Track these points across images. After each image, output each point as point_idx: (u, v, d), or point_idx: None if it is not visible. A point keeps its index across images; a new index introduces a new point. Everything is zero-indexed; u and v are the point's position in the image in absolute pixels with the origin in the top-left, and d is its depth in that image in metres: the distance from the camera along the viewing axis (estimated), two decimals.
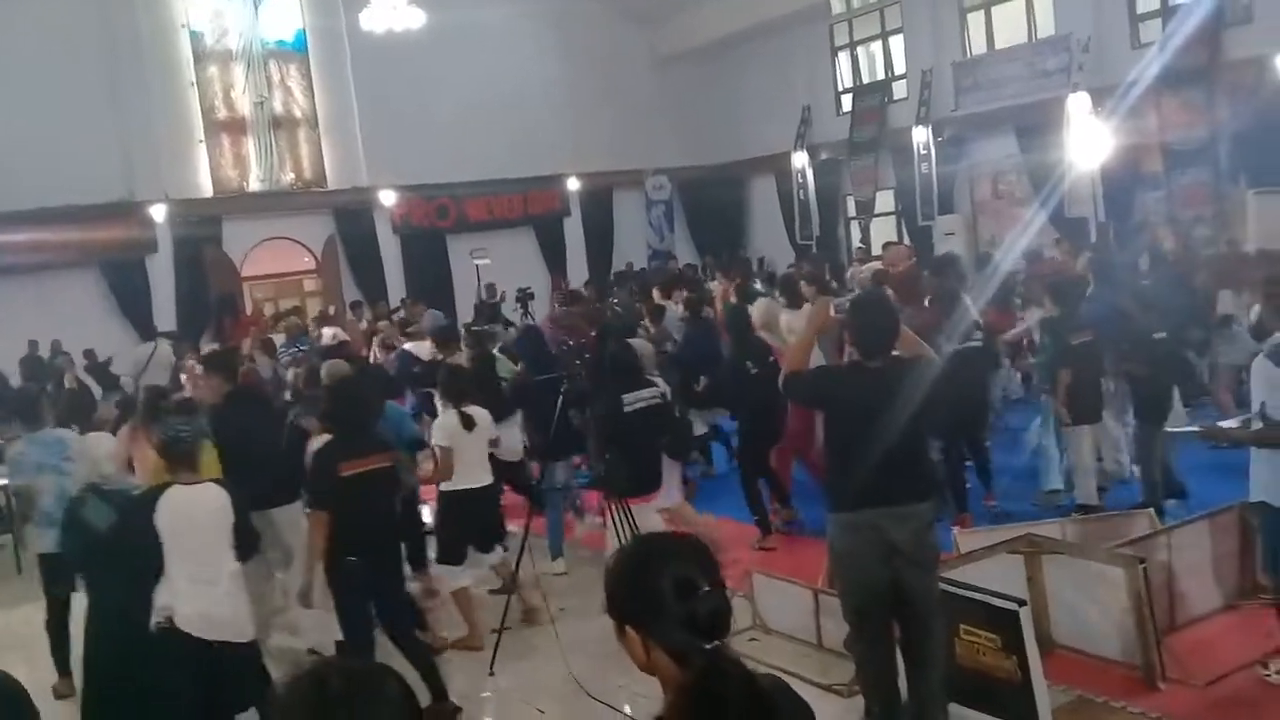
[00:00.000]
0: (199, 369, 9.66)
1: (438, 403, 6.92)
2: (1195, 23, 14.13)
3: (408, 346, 10.30)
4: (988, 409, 8.22)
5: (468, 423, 6.29)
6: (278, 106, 18.38)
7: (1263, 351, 4.73)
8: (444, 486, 6.44)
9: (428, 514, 7.18)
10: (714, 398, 8.94)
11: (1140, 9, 15.18)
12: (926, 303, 7.99)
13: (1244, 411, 5.38)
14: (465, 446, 6.29)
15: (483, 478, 6.42)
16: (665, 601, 1.90)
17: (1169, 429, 7.18)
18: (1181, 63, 14.04)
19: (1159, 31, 14.54)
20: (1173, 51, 14.12)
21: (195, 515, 4.65)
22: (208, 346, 12.47)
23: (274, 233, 18.19)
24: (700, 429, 9.71)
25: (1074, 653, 5.25)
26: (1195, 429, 5.38)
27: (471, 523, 6.45)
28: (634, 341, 7.95)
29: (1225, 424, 5.31)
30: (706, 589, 1.91)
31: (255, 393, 7.26)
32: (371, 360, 10.46)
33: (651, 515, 6.41)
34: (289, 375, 9.42)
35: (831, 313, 4.71)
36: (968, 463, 7.85)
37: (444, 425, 6.37)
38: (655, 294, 12.33)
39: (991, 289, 9.25)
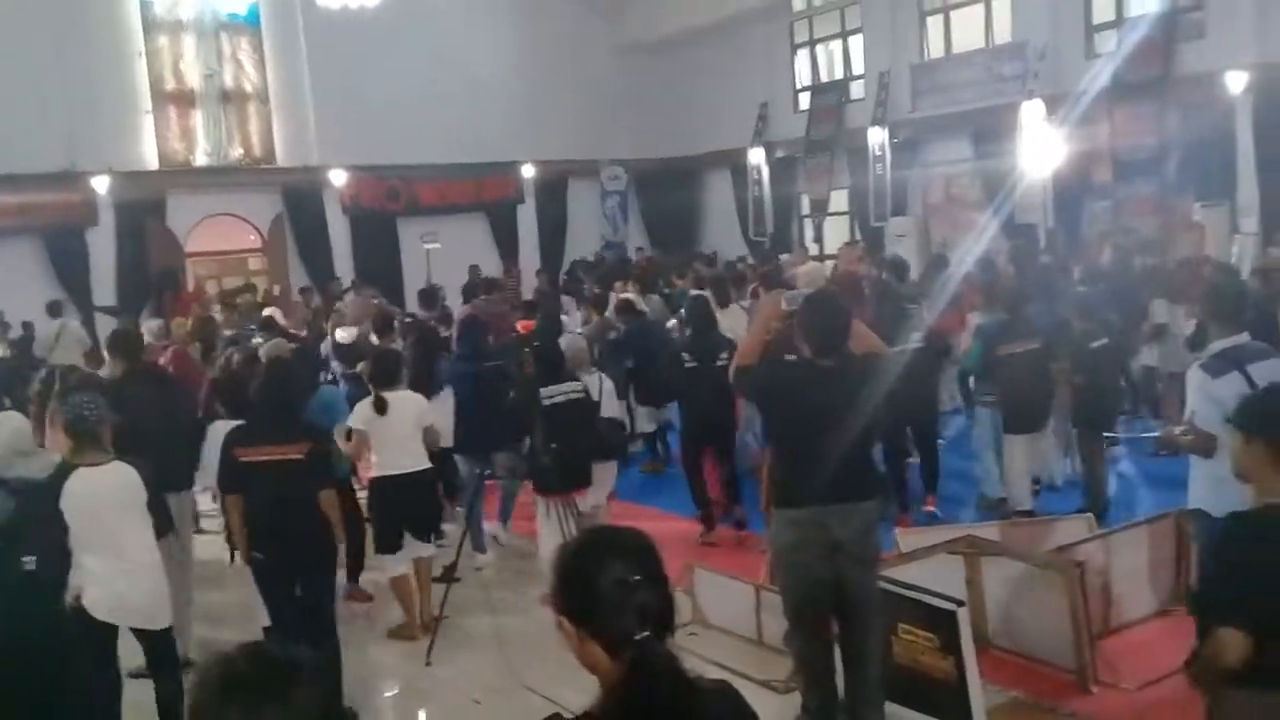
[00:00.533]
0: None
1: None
2: (1148, 36, 14.35)
3: (339, 335, 10.09)
4: (933, 410, 8.20)
5: (380, 407, 6.19)
6: (228, 80, 18.01)
7: (1198, 361, 4.78)
8: (373, 472, 6.39)
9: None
10: (658, 392, 8.94)
11: (1096, 20, 15.36)
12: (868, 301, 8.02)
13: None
14: (380, 431, 6.18)
15: (407, 463, 6.26)
16: (599, 593, 1.88)
17: (1121, 435, 7.30)
18: (1134, 75, 14.24)
19: (1114, 43, 14.73)
20: (1126, 63, 14.33)
21: (102, 497, 4.51)
22: (148, 322, 12.13)
23: (220, 209, 17.84)
24: (648, 426, 9.71)
25: (1010, 654, 5.29)
26: (1155, 434, 5.43)
27: (401, 509, 6.33)
28: (566, 337, 7.90)
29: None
30: (638, 578, 1.89)
31: (156, 372, 7.04)
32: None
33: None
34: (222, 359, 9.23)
35: (783, 306, 4.68)
36: (911, 461, 7.89)
37: (359, 408, 6.33)
38: (617, 285, 12.27)
39: (945, 291, 9.30)
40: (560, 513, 6.31)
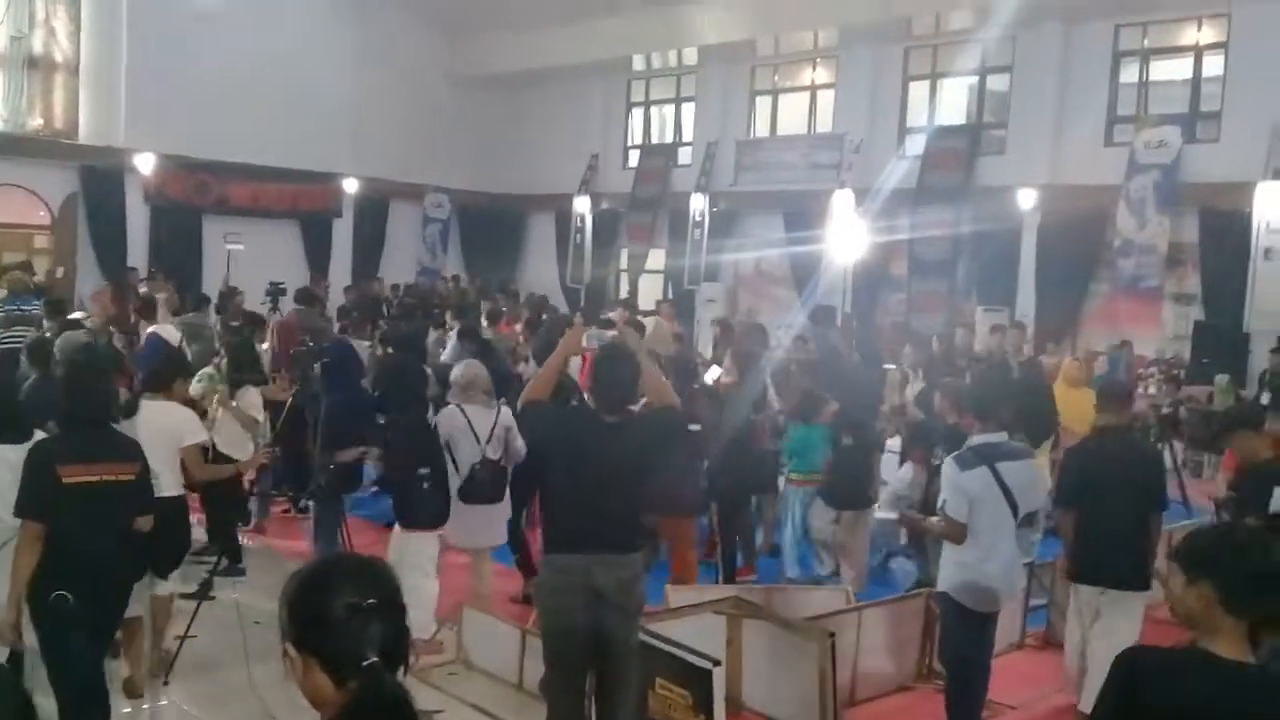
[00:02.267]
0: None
1: None
2: (954, 145, 15.42)
3: (155, 329, 9.51)
4: (769, 479, 8.25)
5: (129, 409, 5.69)
6: (37, 45, 16.91)
7: (954, 454, 5.09)
8: None
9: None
10: None
11: (910, 123, 16.37)
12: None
13: None
14: None
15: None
16: (328, 616, 1.83)
17: (877, 513, 7.68)
18: (938, 179, 15.25)
19: (922, 146, 15.71)
20: (931, 167, 15.33)
21: None
22: None
23: (8, 179, 16.62)
24: None
25: (760, 717, 5.44)
26: (894, 515, 5.72)
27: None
28: (467, 362, 7.33)
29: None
30: (371, 602, 1.85)
31: None
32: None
33: (429, 546, 6.18)
34: None
35: (584, 343, 4.72)
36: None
37: None
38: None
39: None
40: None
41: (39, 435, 4.92)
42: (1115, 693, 2.51)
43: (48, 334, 8.76)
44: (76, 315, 10.26)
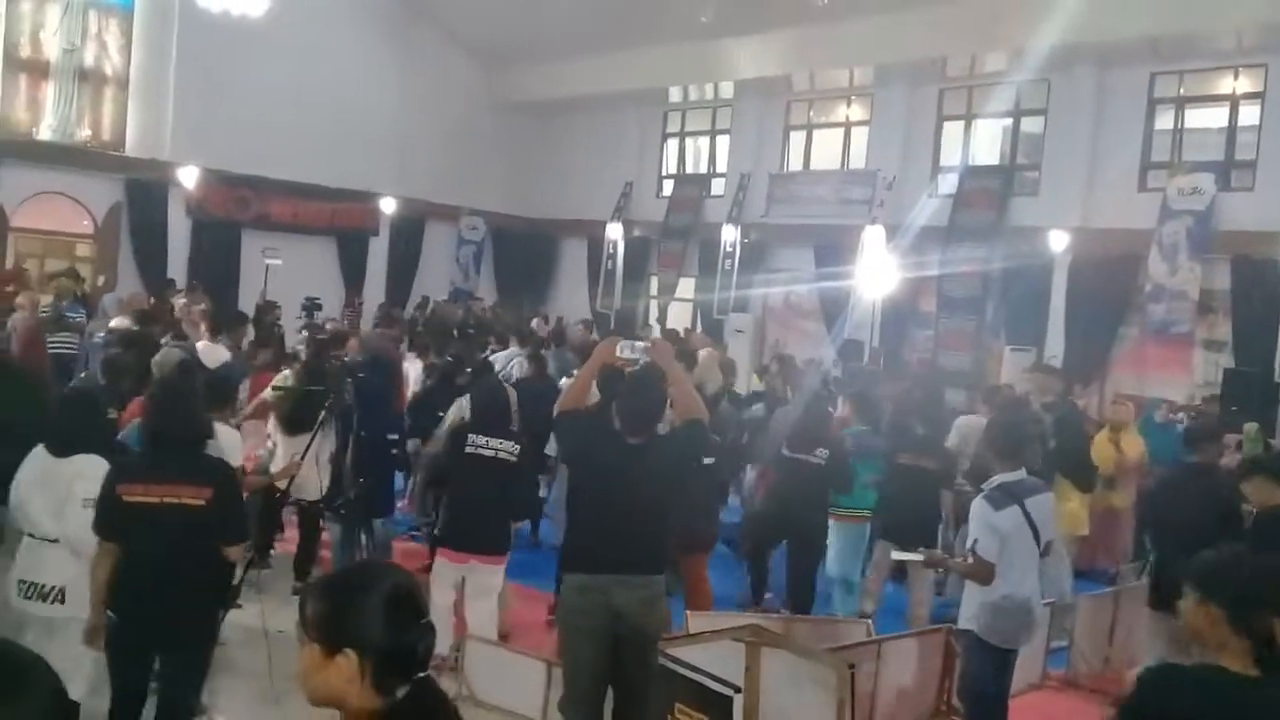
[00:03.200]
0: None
1: None
2: (987, 185, 15.48)
3: (204, 346, 9.57)
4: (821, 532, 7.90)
5: None
6: (88, 59, 17.31)
7: (982, 493, 5.14)
8: None
9: None
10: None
11: (943, 161, 16.45)
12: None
13: None
14: None
15: None
16: (388, 625, 1.94)
17: (894, 556, 7.65)
18: (969, 218, 15.29)
19: (955, 185, 15.78)
20: (963, 206, 15.39)
21: None
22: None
23: (55, 187, 16.97)
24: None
25: None
26: (919, 556, 5.75)
27: None
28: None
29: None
30: (426, 620, 2.00)
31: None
32: None
33: (495, 579, 6.23)
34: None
35: (617, 352, 4.79)
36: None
37: None
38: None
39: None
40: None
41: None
42: (1138, 701, 2.75)
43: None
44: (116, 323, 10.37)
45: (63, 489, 4.44)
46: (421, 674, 1.98)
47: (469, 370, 9.04)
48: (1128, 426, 9.33)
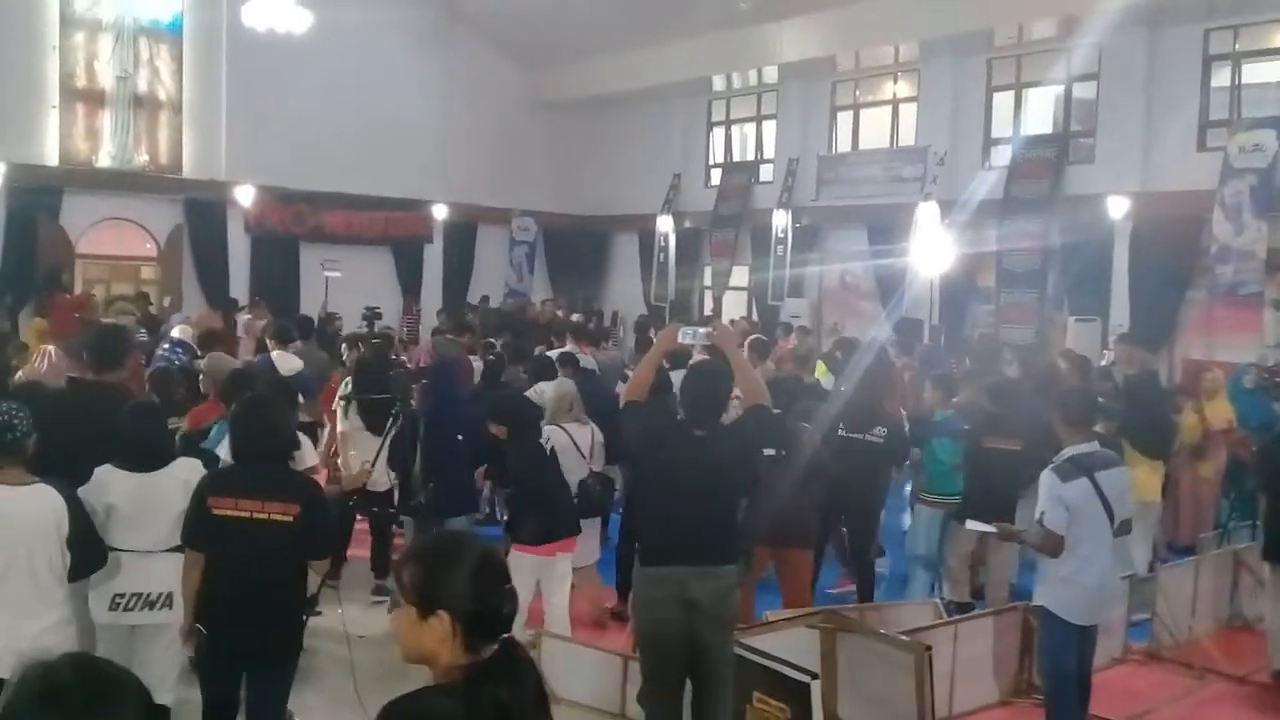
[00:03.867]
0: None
1: None
2: (1041, 154, 15.23)
3: (275, 354, 9.69)
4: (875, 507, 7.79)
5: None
6: (142, 85, 17.69)
7: (1051, 465, 5.08)
8: None
9: None
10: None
11: (994, 134, 16.22)
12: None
13: None
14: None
15: None
16: (478, 588, 2.14)
17: (969, 525, 7.55)
18: (1025, 189, 15.07)
19: (1008, 157, 15.55)
20: (1018, 177, 15.16)
21: (18, 525, 3.95)
22: (29, 320, 11.73)
23: (117, 213, 17.41)
24: None
25: None
26: (993, 528, 5.70)
27: None
28: (555, 383, 7.65)
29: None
30: (510, 586, 2.22)
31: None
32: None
33: (568, 567, 6.31)
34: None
35: (679, 339, 4.82)
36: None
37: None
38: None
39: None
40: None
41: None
42: None
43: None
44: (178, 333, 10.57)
45: (171, 497, 4.53)
46: (506, 634, 2.17)
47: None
48: (1217, 395, 9.18)
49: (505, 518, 7.01)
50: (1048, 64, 15.46)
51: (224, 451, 4.90)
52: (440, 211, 20.52)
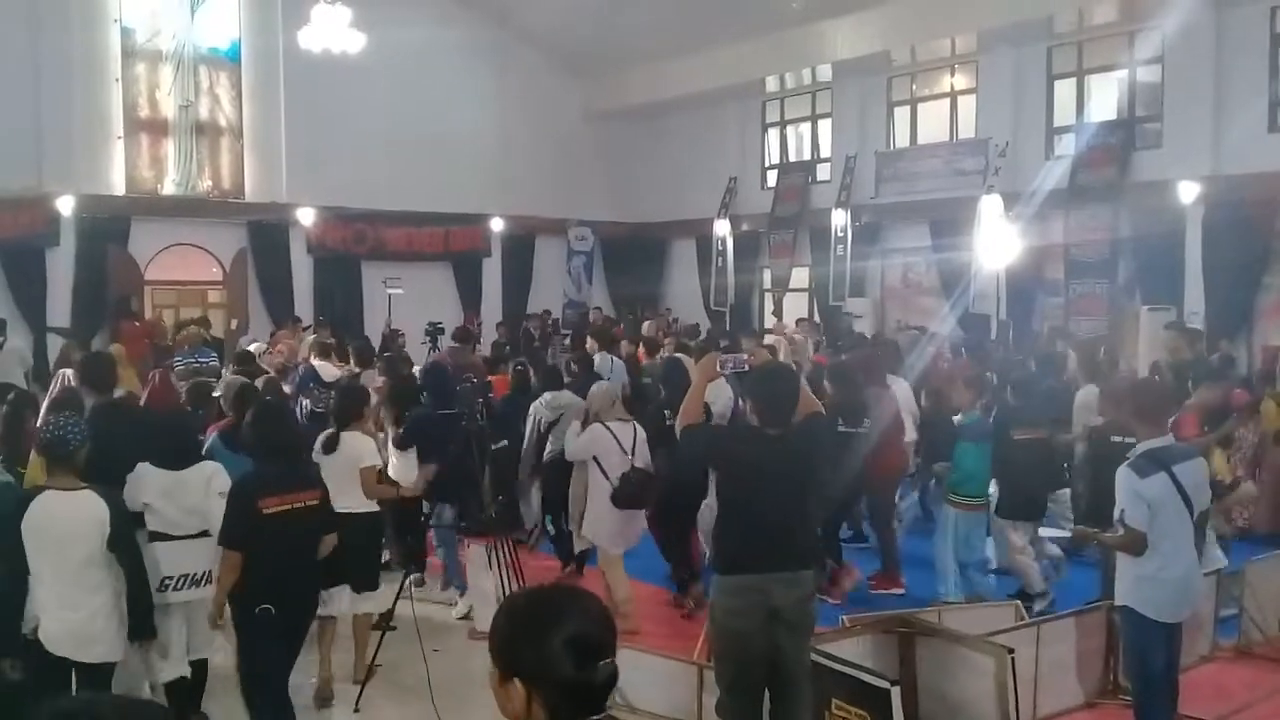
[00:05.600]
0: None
1: None
2: (1106, 141, 14.88)
3: (315, 363, 9.81)
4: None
5: (329, 445, 6.14)
6: (203, 112, 18.08)
7: (1127, 461, 4.92)
8: None
9: None
10: None
11: (1057, 122, 15.89)
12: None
13: None
14: (325, 469, 5.77)
15: (341, 504, 5.66)
16: (564, 663, 1.88)
17: (1042, 533, 7.42)
18: (1091, 178, 14.74)
19: (1072, 145, 15.23)
20: (1083, 166, 14.83)
21: (66, 526, 4.35)
22: (100, 346, 11.99)
23: (183, 239, 17.77)
24: None
25: None
26: (1067, 531, 5.55)
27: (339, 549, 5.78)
28: (598, 383, 7.84)
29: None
30: (607, 660, 1.93)
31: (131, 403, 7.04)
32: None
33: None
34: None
35: (718, 368, 4.83)
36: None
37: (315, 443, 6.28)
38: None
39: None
40: (515, 567, 6.32)
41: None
42: None
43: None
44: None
45: (200, 489, 5.17)
46: (597, 715, 1.91)
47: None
48: None
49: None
50: (1110, 49, 15.13)
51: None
52: (498, 224, 20.66)
